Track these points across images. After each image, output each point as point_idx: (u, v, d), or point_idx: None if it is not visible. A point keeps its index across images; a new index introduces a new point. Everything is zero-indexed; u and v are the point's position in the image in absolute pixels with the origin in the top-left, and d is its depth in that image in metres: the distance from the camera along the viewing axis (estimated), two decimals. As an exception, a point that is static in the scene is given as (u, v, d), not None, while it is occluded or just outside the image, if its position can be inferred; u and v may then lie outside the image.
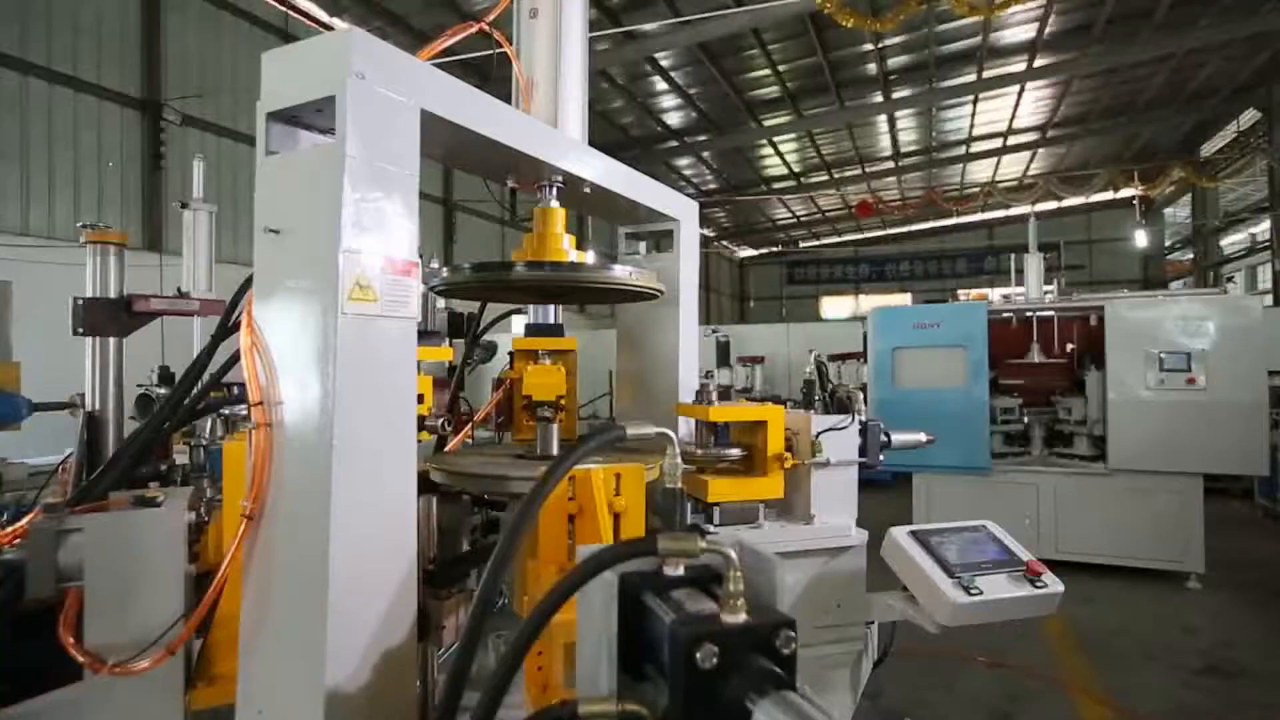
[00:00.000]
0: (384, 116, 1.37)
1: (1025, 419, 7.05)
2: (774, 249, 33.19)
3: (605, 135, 18.35)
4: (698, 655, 0.84)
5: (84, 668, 1.43)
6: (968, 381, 6.65)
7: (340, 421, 1.28)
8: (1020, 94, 17.89)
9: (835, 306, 30.85)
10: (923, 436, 2.56)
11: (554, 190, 2.05)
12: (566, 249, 2.05)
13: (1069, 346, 7.33)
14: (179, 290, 4.83)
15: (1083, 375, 6.83)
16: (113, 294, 3.33)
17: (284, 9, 11.45)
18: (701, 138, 19.22)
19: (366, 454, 1.33)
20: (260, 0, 11.55)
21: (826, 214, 28.43)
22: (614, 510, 1.55)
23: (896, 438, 2.48)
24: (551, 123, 2.03)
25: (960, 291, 25.02)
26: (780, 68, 15.71)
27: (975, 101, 18.20)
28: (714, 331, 12.48)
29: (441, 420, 2.27)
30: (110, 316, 3.35)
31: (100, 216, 9.77)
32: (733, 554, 0.91)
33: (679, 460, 1.12)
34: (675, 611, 0.98)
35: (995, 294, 16.25)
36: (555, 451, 2.07)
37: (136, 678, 1.45)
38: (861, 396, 2.44)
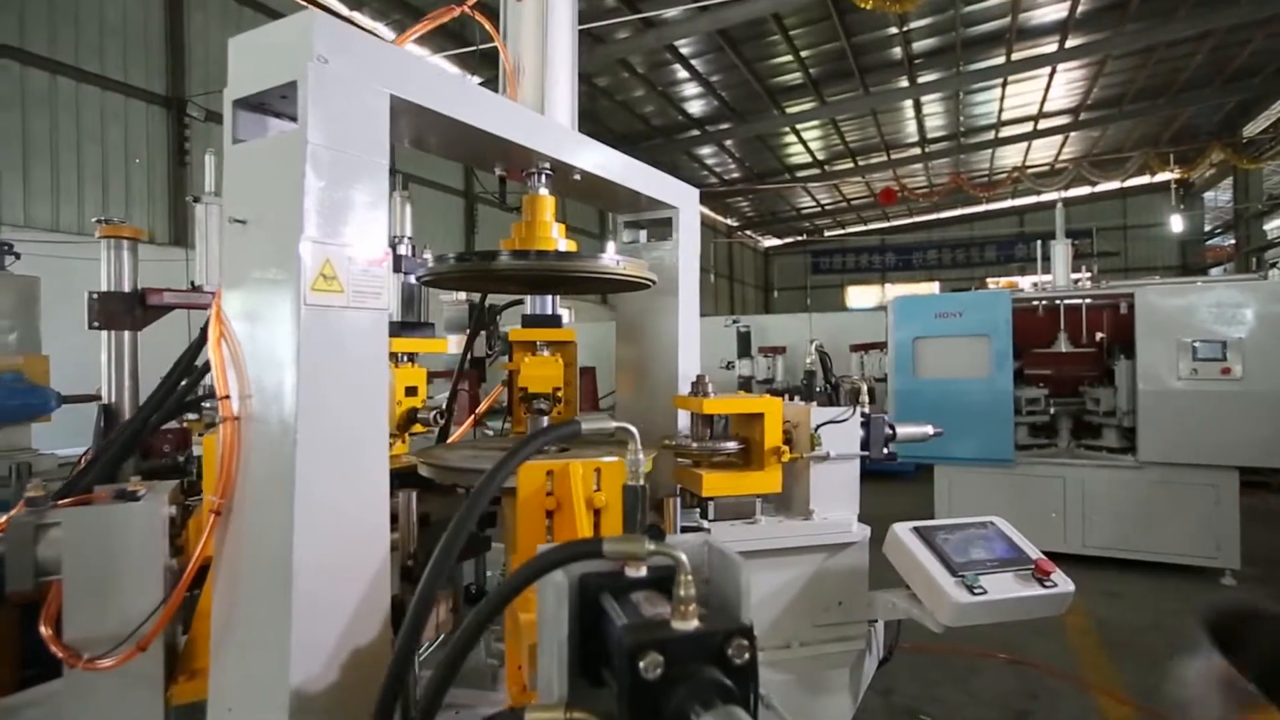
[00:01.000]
0: (349, 102, 1.33)
1: (1052, 410, 6.86)
2: (798, 238, 32.84)
3: (626, 125, 18.25)
4: (641, 664, 0.79)
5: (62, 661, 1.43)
6: (991, 372, 6.48)
7: (304, 415, 1.25)
8: (1051, 76, 17.39)
9: (861, 296, 30.43)
10: (929, 429, 2.48)
11: (542, 178, 2.00)
12: (555, 238, 2.00)
13: (1098, 335, 7.11)
14: (192, 284, 4.88)
15: (1112, 365, 6.62)
16: (127, 288, 3.37)
17: (305, 3, 11.52)
18: (724, 126, 19.01)
19: (333, 448, 1.30)
20: (281, -5, 11.64)
21: (852, 202, 28.03)
22: (594, 506, 1.51)
23: (902, 430, 2.40)
24: (538, 109, 1.98)
25: (990, 280, 24.51)
26: (803, 53, 15.46)
27: (1004, 85, 17.75)
28: (735, 322, 12.35)
29: (434, 413, 2.25)
30: (124, 310, 3.40)
31: (127, 212, 9.97)
32: (683, 558, 0.86)
33: (640, 457, 1.07)
34: (629, 616, 0.93)
35: (1026, 282, 15.88)
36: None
37: (118, 672, 1.45)
38: (866, 389, 2.36)
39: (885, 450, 2.30)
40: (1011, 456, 6.49)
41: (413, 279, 2.27)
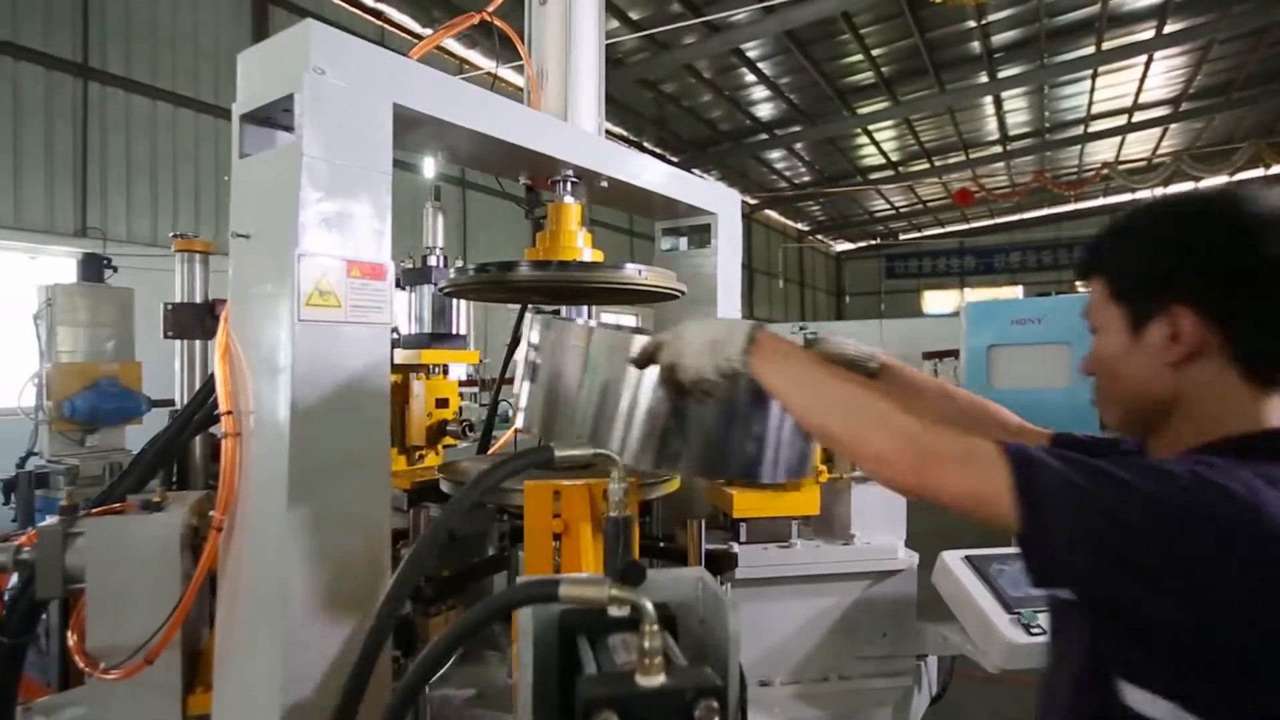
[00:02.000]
0: (348, 113, 1.30)
1: (1144, 424, 6.36)
2: (872, 242, 31.90)
3: (693, 131, 18.15)
4: (593, 724, 0.71)
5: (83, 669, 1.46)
6: (1074, 382, 6.06)
7: (297, 431, 1.23)
8: (1148, 65, 16.26)
9: (938, 301, 29.24)
10: (985, 447, 2.28)
11: (567, 185, 1.95)
12: (580, 247, 1.94)
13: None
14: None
15: (1214, 375, 6.09)
16: (198, 299, 3.53)
17: (354, 9, 11.88)
18: (793, 129, 18.65)
19: (329, 464, 1.27)
20: (342, 9, 12.06)
21: (928, 204, 27.01)
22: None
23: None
24: (561, 115, 1.93)
25: (1080, 284, 23.18)
26: (874, 52, 14.99)
27: (1094, 76, 16.72)
28: (802, 329, 12.06)
29: (463, 425, 2.23)
30: (195, 320, 3.55)
31: (217, 226, 10.57)
32: (647, 607, 0.77)
33: (624, 485, 0.98)
34: (603, 663, 0.85)
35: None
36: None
37: (134, 681, 1.47)
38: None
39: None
40: (1097, 473, 6.03)
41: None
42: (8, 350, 7.68)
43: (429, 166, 10.93)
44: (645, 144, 18.77)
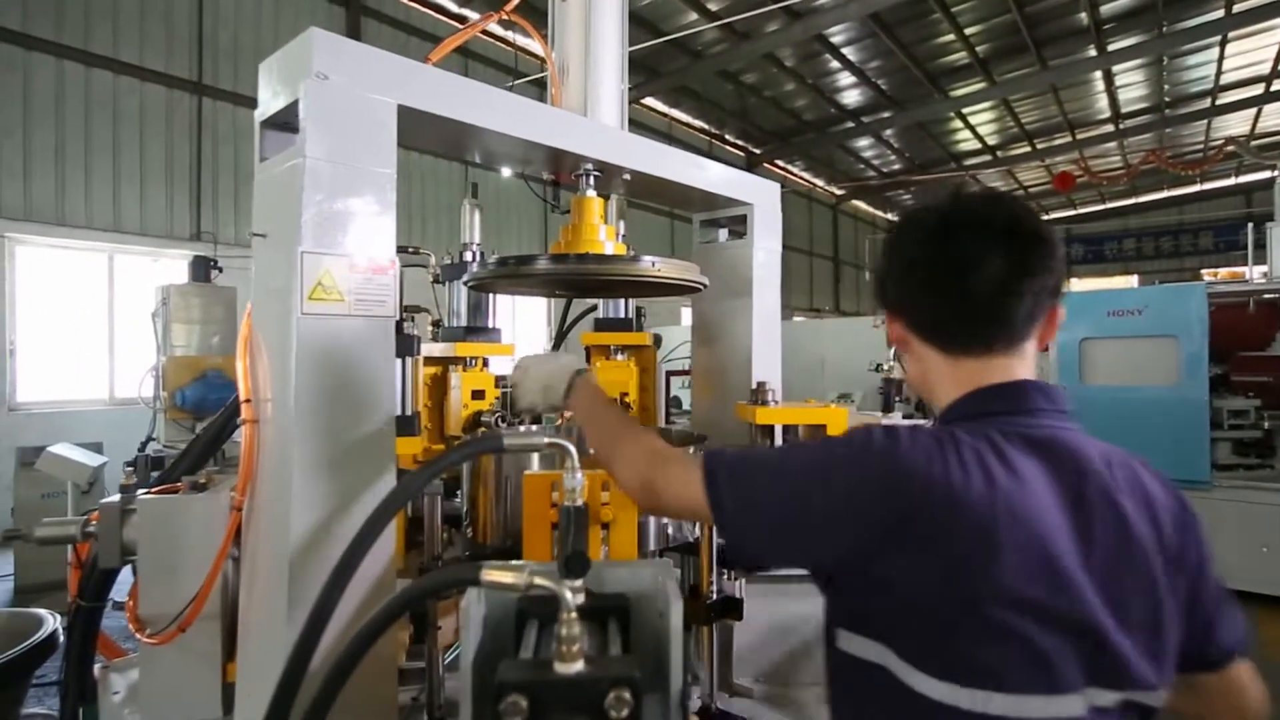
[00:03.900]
0: (351, 115, 1.36)
1: (1266, 424, 5.77)
2: (970, 231, 30.31)
3: (776, 121, 17.82)
4: (501, 707, 0.72)
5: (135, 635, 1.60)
6: (1180, 378, 5.57)
7: (300, 419, 1.30)
8: (1289, 26, 14.67)
9: (1043, 292, 27.47)
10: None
11: (590, 180, 1.96)
12: (602, 240, 1.95)
13: (1333, 335, 5.89)
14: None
15: (1351, 372, 5.46)
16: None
17: (439, 15, 12.28)
18: (882, 115, 17.97)
19: (332, 452, 1.34)
20: (428, 16, 12.51)
21: (1029, 190, 25.44)
22: (600, 520, 1.44)
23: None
24: (582, 111, 1.94)
25: (1205, 271, 21.21)
26: (967, 31, 14.23)
27: (1223, 43, 15.24)
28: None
29: (496, 417, 2.29)
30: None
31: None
32: (566, 595, 0.77)
33: (579, 475, 0.99)
34: (537, 650, 0.86)
35: (1256, 273, 13.33)
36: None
37: (179, 648, 1.60)
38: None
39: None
40: (1207, 478, 5.53)
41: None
42: (135, 345, 8.47)
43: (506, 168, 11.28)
44: (727, 136, 18.60)
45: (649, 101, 15.73)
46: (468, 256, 2.33)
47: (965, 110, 17.99)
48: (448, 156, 1.91)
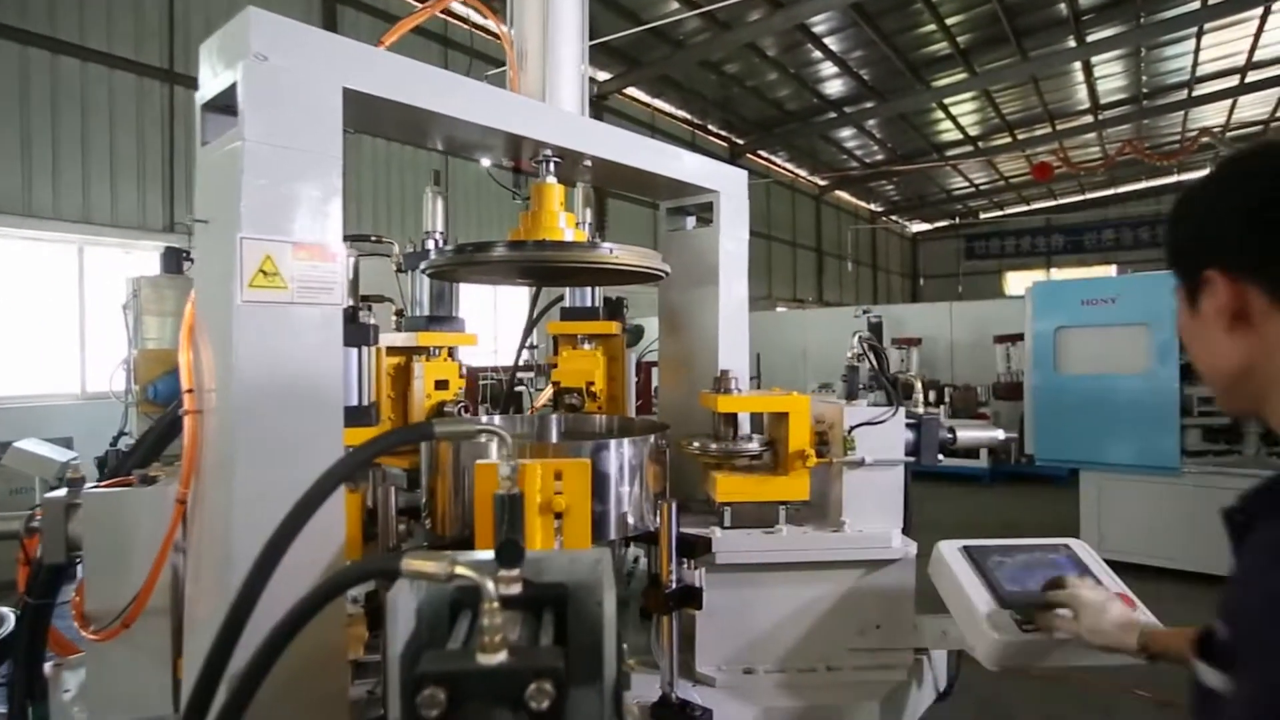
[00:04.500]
0: (293, 98, 1.33)
1: (1235, 411, 5.85)
2: (950, 221, 30.53)
3: (759, 111, 17.78)
4: (418, 699, 0.71)
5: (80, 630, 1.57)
6: (1151, 366, 5.63)
7: (241, 409, 1.27)
8: (1265, 17, 14.78)
9: (1022, 283, 27.62)
10: (999, 434, 2.15)
11: (550, 166, 1.94)
12: (562, 228, 1.93)
13: (1304, 323, 5.97)
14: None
15: (1318, 358, 5.53)
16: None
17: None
18: (864, 106, 17.99)
19: (276, 442, 1.31)
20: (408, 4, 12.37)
21: (1010, 180, 25.58)
22: (553, 510, 1.42)
23: (964, 434, 2.10)
24: (540, 96, 1.91)
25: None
26: (948, 21, 14.26)
27: (1200, 35, 15.38)
28: (866, 312, 11.68)
29: (459, 407, 2.26)
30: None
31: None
32: (487, 585, 0.75)
33: (514, 463, 0.97)
34: (467, 641, 0.85)
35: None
36: (553, 438, 1.97)
37: (127, 644, 1.57)
38: (919, 386, 2.09)
39: (940, 457, 2.02)
40: (1176, 464, 5.61)
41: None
42: (106, 338, 8.32)
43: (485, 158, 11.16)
44: (710, 127, 18.53)
45: (631, 92, 15.64)
46: (430, 245, 2.29)
47: (947, 101, 18.04)
48: (421, 145, 1.88)
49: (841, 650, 1.91)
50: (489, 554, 0.96)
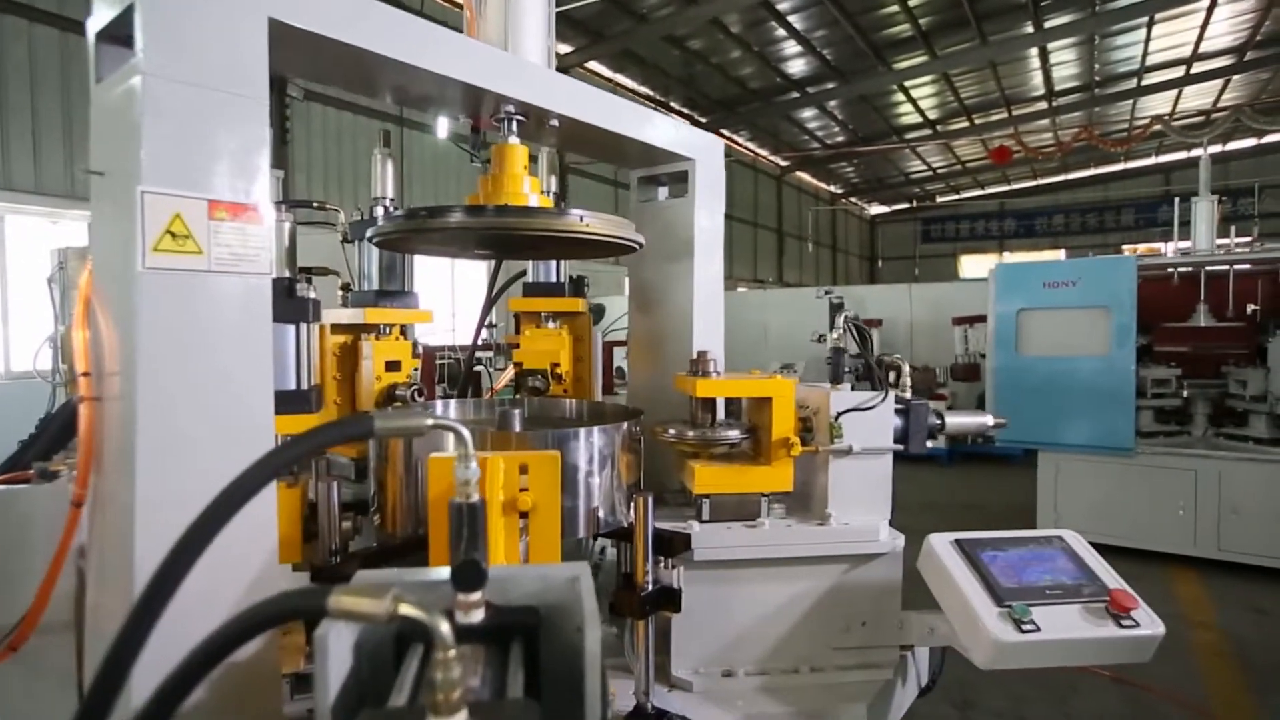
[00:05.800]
0: (204, 25, 1.12)
1: (1185, 393, 5.97)
2: (908, 205, 30.91)
3: (722, 90, 17.58)
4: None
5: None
6: (1110, 348, 5.69)
7: (146, 395, 1.07)
8: (1210, 9, 15.17)
9: (976, 266, 28.23)
10: (989, 420, 2.05)
11: (513, 124, 1.74)
12: (526, 193, 1.75)
13: (1249, 308, 6.11)
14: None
15: (1265, 342, 5.66)
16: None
17: None
18: (826, 86, 17.93)
19: (186, 433, 1.12)
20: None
21: (966, 165, 25.97)
22: (518, 509, 1.26)
23: (953, 420, 2.00)
24: (501, 45, 1.71)
25: (1126, 247, 22.08)
26: (911, 2, 14.24)
27: (1150, 25, 15.69)
28: (827, 293, 11.67)
29: (412, 390, 2.07)
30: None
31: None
32: (440, 629, 0.59)
33: (473, 465, 0.80)
34: (416, 689, 0.68)
35: (1170, 248, 13.83)
36: (516, 427, 1.79)
37: (23, 664, 1.36)
38: (907, 369, 1.98)
39: (929, 444, 1.92)
40: (1131, 445, 5.70)
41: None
42: (28, 314, 7.79)
43: (442, 127, 10.76)
44: (672, 104, 18.25)
45: (593, 66, 15.27)
46: (379, 212, 2.08)
47: (907, 84, 18.12)
48: (372, 97, 1.70)
49: (825, 649, 1.80)
50: (444, 572, 0.80)
